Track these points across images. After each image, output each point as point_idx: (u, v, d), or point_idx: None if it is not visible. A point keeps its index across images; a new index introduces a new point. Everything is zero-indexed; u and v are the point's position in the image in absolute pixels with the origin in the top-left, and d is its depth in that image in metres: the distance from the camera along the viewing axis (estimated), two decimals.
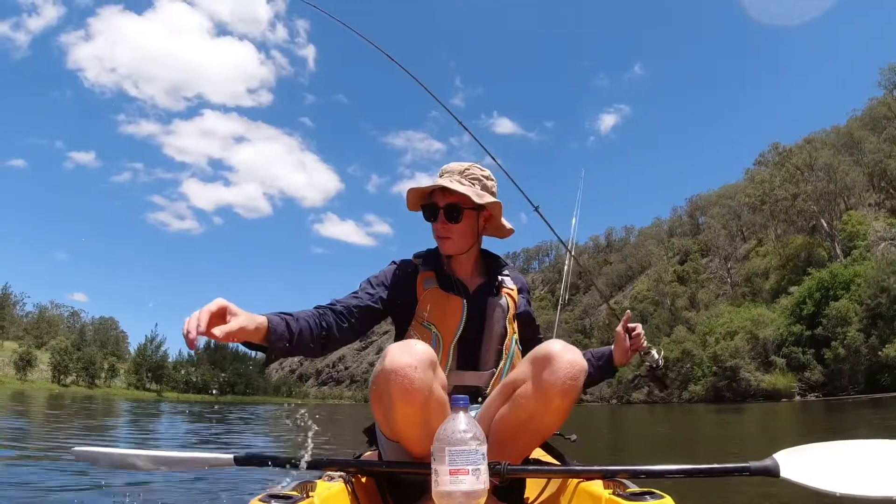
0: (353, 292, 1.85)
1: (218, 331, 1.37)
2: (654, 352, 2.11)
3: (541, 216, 2.32)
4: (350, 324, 1.76)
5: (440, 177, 1.88)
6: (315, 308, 1.76)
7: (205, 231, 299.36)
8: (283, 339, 1.57)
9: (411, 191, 1.88)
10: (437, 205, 1.86)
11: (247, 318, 1.45)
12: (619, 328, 2.04)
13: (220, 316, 1.41)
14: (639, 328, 2.05)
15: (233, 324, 1.40)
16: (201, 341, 1.36)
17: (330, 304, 1.79)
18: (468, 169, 1.88)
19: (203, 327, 1.34)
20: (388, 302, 1.86)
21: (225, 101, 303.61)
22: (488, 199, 1.84)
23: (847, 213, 60.83)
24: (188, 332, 1.33)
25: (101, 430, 10.84)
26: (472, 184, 1.86)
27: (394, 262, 1.95)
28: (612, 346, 2.09)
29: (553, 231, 2.39)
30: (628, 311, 2.10)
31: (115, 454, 1.76)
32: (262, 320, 1.51)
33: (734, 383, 48.09)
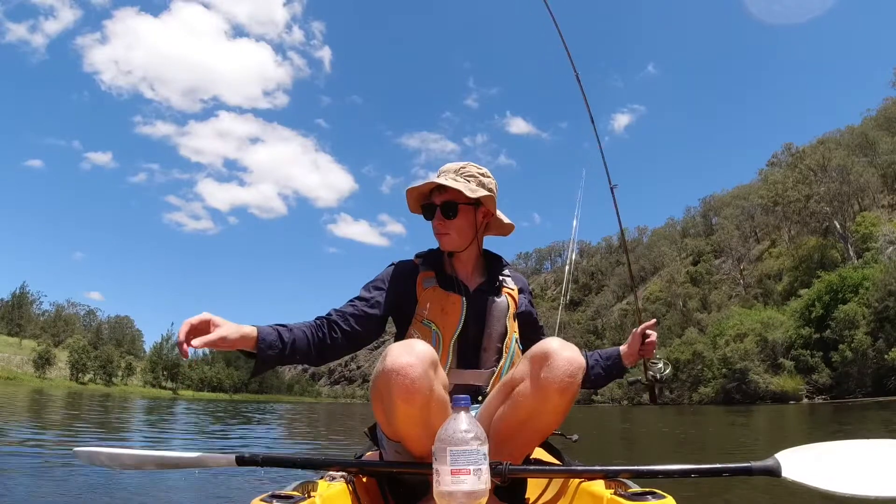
0: (351, 300, 1.87)
1: (197, 340, 1.45)
2: (661, 364, 2.11)
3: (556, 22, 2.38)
4: (344, 333, 1.78)
5: (437, 177, 1.90)
6: (315, 319, 1.79)
7: (220, 231, 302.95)
8: (273, 347, 1.61)
9: (410, 190, 1.90)
10: (434, 203, 1.88)
11: (230, 329, 1.52)
12: (638, 330, 2.04)
13: (202, 327, 1.48)
14: (653, 336, 2.04)
15: (212, 335, 1.47)
16: (198, 353, 1.61)
17: (328, 314, 1.81)
18: (464, 167, 1.89)
19: (182, 338, 1.44)
20: (387, 304, 1.86)
21: (241, 102, 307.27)
22: (481, 192, 1.85)
23: (861, 215, 60.24)
24: (177, 343, 1.46)
25: (138, 428, 11.19)
26: (468, 181, 1.86)
27: (392, 264, 1.95)
28: (623, 346, 2.08)
29: (580, 84, 2.36)
30: (655, 320, 2.08)
31: (116, 454, 1.75)
32: (249, 330, 1.57)
33: (743, 385, 47.85)
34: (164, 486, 4.12)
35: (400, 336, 1.85)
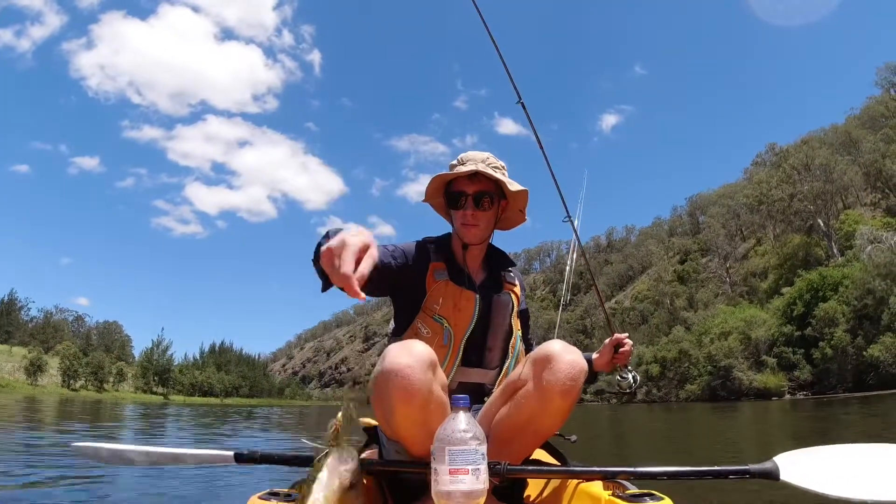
0: (382, 244, 1.74)
1: (359, 274, 1.15)
2: (629, 375, 2.11)
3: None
4: None
5: (462, 164, 1.83)
6: None
7: (209, 235, 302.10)
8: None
9: (438, 177, 1.83)
10: (463, 192, 1.81)
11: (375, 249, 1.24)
12: (608, 341, 2.08)
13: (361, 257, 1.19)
14: (627, 346, 2.05)
15: (365, 263, 1.18)
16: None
17: None
18: (488, 158, 1.84)
19: (346, 276, 1.13)
20: (401, 276, 1.79)
21: (229, 106, 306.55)
22: (517, 187, 1.81)
23: (844, 213, 60.99)
24: (345, 284, 1.13)
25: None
26: (494, 172, 1.81)
27: (418, 242, 1.88)
28: (596, 353, 2.10)
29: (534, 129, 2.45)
30: (626, 334, 2.09)
31: (114, 449, 1.74)
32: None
33: (728, 382, 48.52)
34: (163, 482, 4.16)
35: (404, 325, 1.83)
